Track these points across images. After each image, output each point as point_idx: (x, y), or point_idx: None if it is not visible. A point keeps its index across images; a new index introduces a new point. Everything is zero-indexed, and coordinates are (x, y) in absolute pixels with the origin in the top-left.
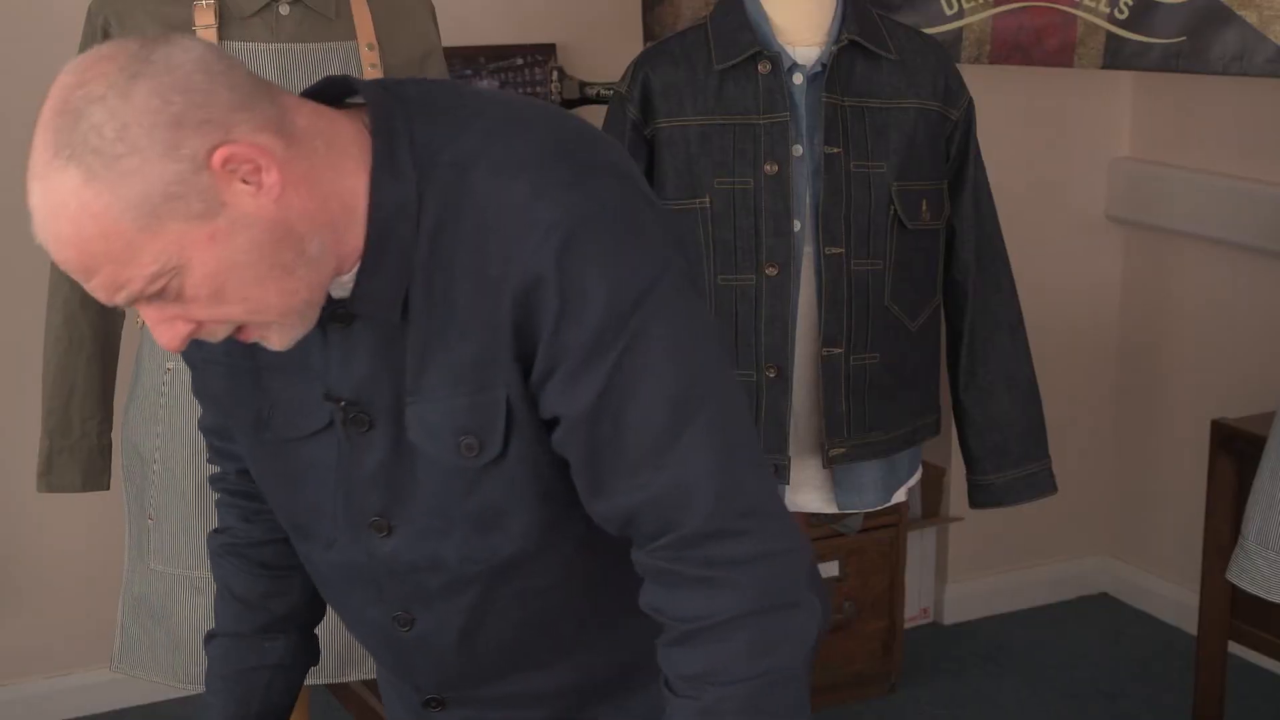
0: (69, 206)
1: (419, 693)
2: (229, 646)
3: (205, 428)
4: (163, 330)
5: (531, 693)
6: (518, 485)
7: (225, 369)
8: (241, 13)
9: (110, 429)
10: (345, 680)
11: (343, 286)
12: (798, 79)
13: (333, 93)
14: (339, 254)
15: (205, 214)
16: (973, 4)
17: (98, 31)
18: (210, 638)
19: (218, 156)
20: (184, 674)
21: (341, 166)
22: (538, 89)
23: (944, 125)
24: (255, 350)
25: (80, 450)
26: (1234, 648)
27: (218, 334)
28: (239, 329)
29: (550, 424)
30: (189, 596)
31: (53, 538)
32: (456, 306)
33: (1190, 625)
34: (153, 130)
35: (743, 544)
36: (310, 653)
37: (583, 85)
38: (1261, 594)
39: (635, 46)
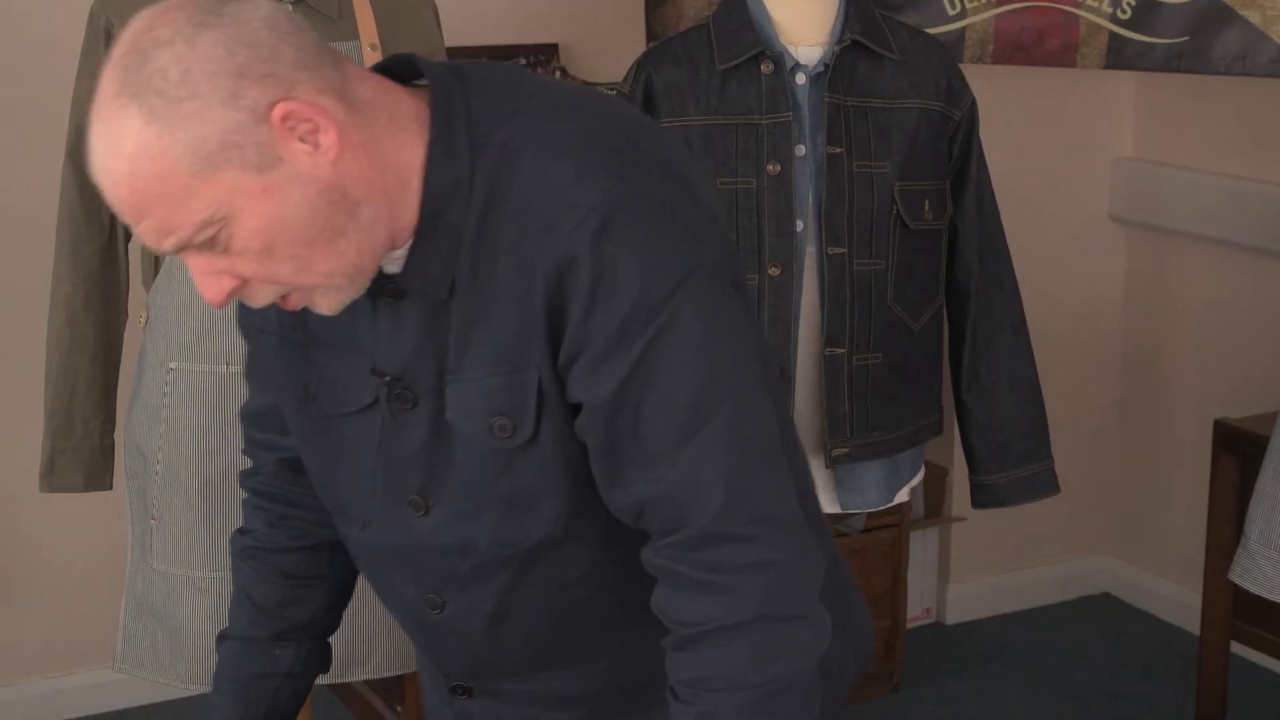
0: (127, 145)
1: (447, 678)
2: (240, 650)
3: (246, 414)
4: (208, 283)
5: (556, 693)
6: (549, 468)
7: (277, 339)
8: None
9: (113, 429)
10: (348, 680)
11: (395, 262)
12: (800, 79)
13: (399, 71)
14: (392, 226)
15: (260, 166)
16: (975, 4)
17: (100, 33)
18: (222, 638)
19: (277, 112)
20: (186, 674)
21: (401, 140)
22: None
23: (946, 125)
24: (306, 324)
25: (83, 450)
26: (1236, 648)
27: (260, 296)
28: (284, 297)
29: (575, 408)
30: (191, 596)
31: (55, 538)
32: (497, 285)
33: (1193, 625)
34: (215, 78)
35: (748, 550)
36: (322, 661)
37: (585, 85)
38: (1264, 594)
39: (638, 47)
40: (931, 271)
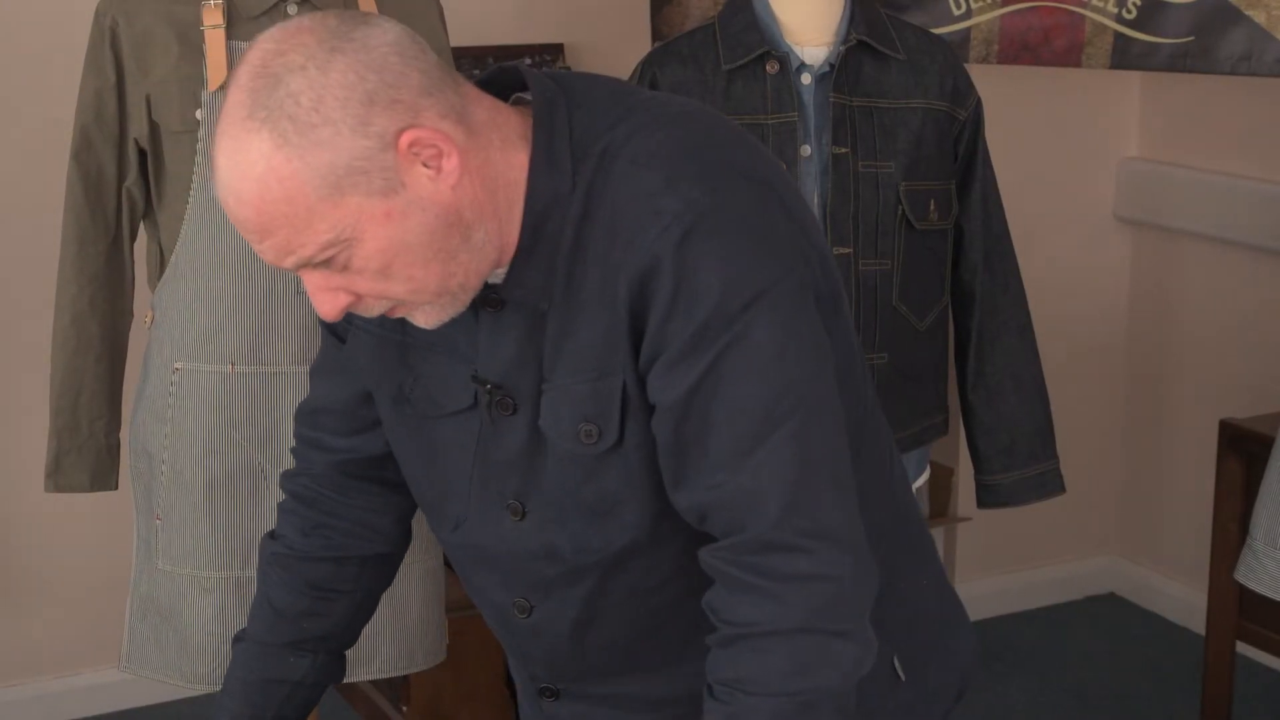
0: (257, 167)
1: (534, 681)
2: (254, 653)
3: (301, 412)
4: (324, 299)
5: (643, 696)
6: (633, 474)
7: (376, 339)
8: (250, 13)
9: (118, 429)
10: (354, 680)
11: (497, 274)
12: (806, 79)
13: (503, 80)
14: (500, 245)
15: (385, 191)
16: (981, 4)
17: (105, 31)
18: (239, 639)
19: (405, 139)
20: (191, 674)
21: (511, 159)
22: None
23: (952, 125)
24: (405, 325)
25: (88, 450)
26: (1242, 648)
27: (373, 310)
28: (391, 308)
29: (652, 410)
30: (197, 596)
31: (61, 538)
32: (587, 293)
33: (1198, 625)
34: (346, 104)
35: (801, 561)
36: (335, 673)
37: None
38: (1269, 594)
39: (643, 47)
40: (937, 272)
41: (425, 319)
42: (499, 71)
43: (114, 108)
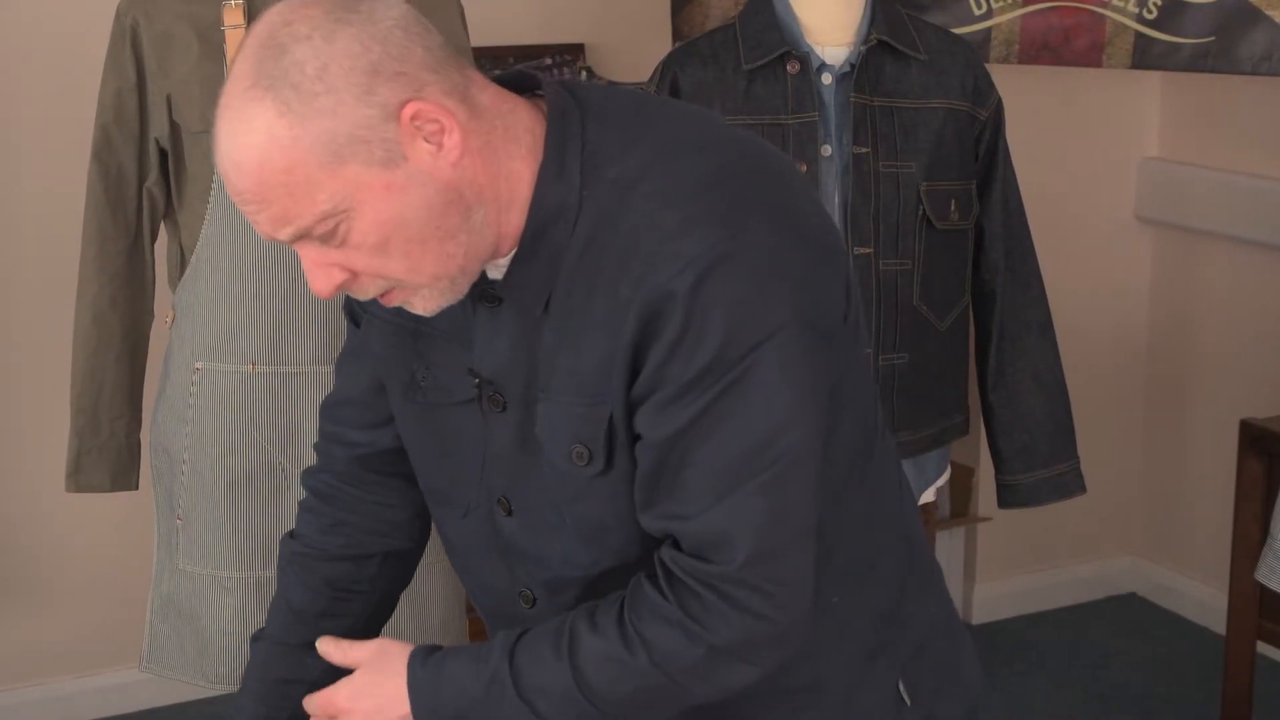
0: (258, 135)
1: None
2: (272, 653)
3: (325, 406)
4: (318, 275)
5: None
6: (621, 500)
7: (391, 327)
8: None
9: (139, 428)
10: None
11: (498, 269)
12: (826, 79)
13: (519, 83)
14: (499, 232)
15: (386, 163)
16: (1001, 4)
17: (125, 31)
18: (257, 638)
19: (407, 111)
20: (212, 674)
21: (513, 150)
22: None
23: (973, 125)
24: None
25: (109, 450)
26: (1262, 648)
27: (368, 290)
28: (386, 292)
29: (637, 438)
30: (218, 597)
31: (81, 538)
32: (592, 317)
33: (1219, 625)
34: (350, 74)
35: (755, 600)
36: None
37: (611, 85)
38: None
39: (664, 46)
40: (958, 271)
41: (423, 305)
42: (517, 74)
43: (134, 107)
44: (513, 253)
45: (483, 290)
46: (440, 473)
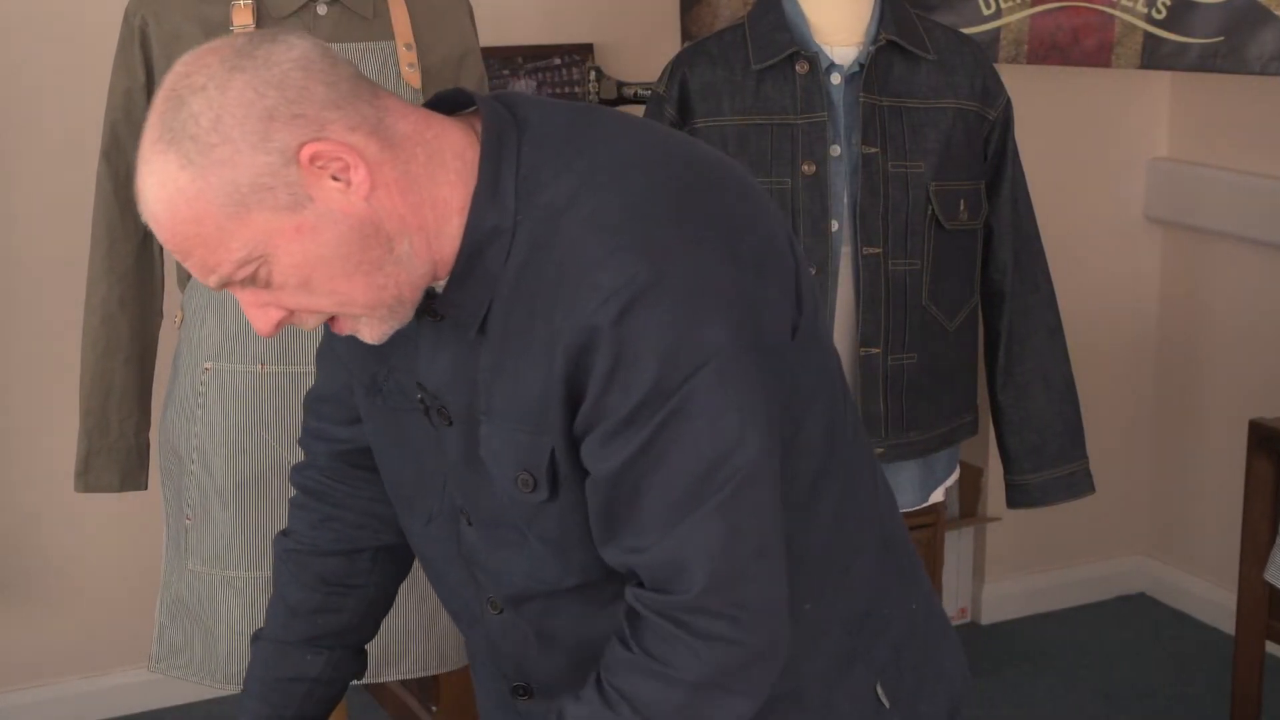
0: (166, 189)
1: (506, 679)
2: (272, 652)
3: (308, 401)
4: (257, 315)
5: None
6: (570, 527)
7: None
8: (279, 13)
9: (148, 429)
10: (383, 680)
11: (442, 283)
12: (835, 79)
13: (457, 100)
14: (432, 259)
15: (292, 206)
16: (1010, 4)
17: (135, 32)
18: (256, 638)
19: (306, 152)
20: (221, 674)
21: (439, 176)
22: (575, 89)
23: (982, 125)
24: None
25: (118, 450)
26: (1271, 648)
27: (309, 323)
28: (332, 320)
29: (585, 473)
30: (226, 597)
31: (90, 538)
32: (527, 345)
33: (1228, 625)
34: (245, 122)
35: (722, 626)
36: (356, 667)
37: (620, 85)
38: None
39: (673, 46)
40: (967, 271)
41: (369, 333)
42: (455, 93)
43: (144, 107)
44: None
45: (426, 304)
46: (404, 477)
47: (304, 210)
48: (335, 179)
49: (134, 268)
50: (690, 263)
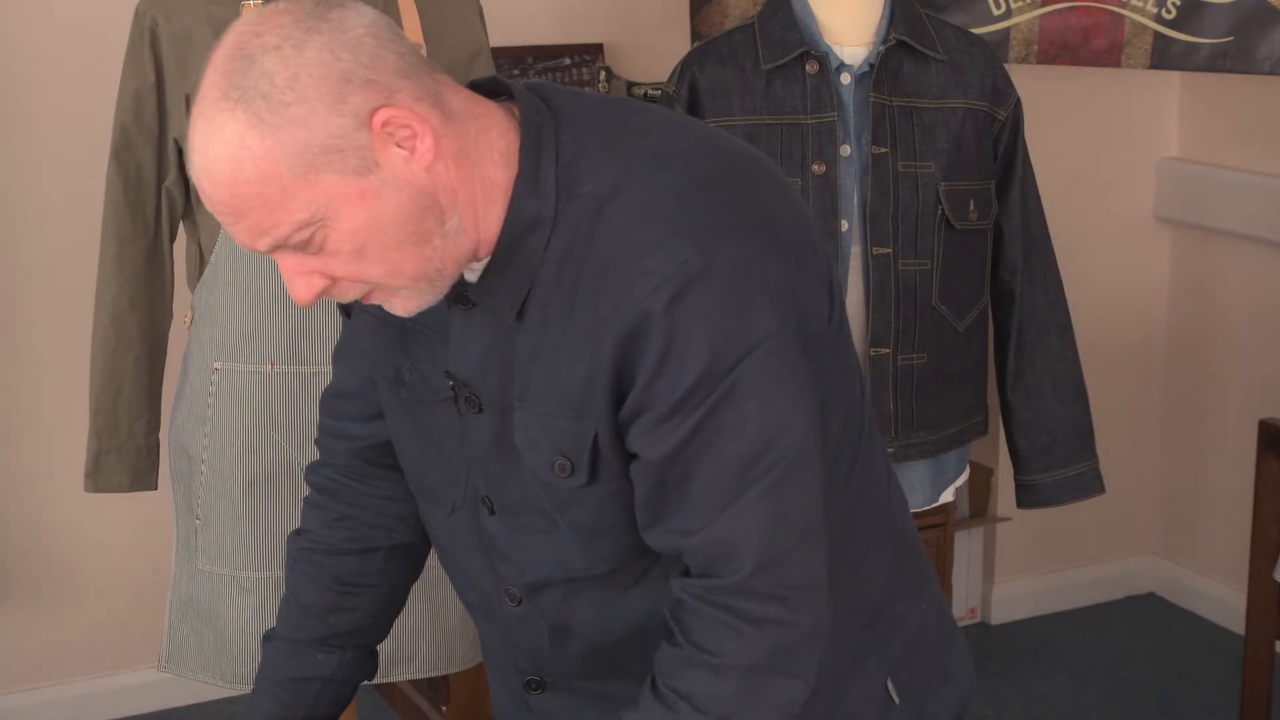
0: (230, 147)
1: (520, 673)
2: (283, 651)
3: (325, 399)
4: (298, 283)
5: (629, 696)
6: (607, 512)
7: (378, 322)
8: None
9: (158, 429)
10: (393, 680)
11: (474, 272)
12: (845, 79)
13: (491, 89)
14: (477, 236)
15: (359, 170)
16: (1020, 4)
17: (145, 31)
18: (268, 638)
19: (378, 118)
20: (231, 674)
21: (488, 156)
22: (585, 89)
23: (992, 125)
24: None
25: (128, 450)
26: None
27: (348, 294)
28: (367, 292)
29: (632, 455)
30: (237, 597)
31: (100, 538)
32: (570, 332)
33: (1238, 625)
34: (321, 83)
35: (772, 608)
36: (366, 669)
37: (630, 85)
38: None
39: (683, 46)
40: (977, 271)
41: (402, 306)
42: (490, 81)
43: (153, 107)
44: (488, 258)
45: (458, 292)
46: (426, 469)
47: (370, 176)
48: (400, 147)
49: (144, 267)
50: (739, 250)
